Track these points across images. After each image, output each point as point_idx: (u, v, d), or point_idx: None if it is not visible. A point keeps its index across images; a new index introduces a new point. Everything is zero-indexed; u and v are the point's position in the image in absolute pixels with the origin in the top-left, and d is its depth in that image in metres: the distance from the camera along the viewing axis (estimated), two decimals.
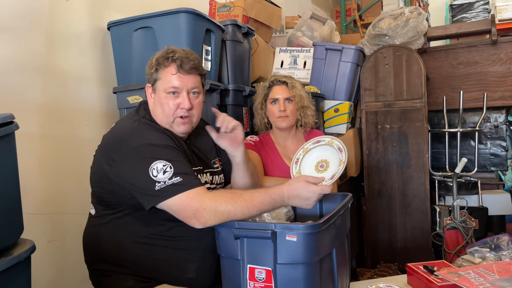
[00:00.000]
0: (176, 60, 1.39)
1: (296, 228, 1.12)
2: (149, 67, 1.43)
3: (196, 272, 1.42)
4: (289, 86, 2.03)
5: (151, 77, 1.43)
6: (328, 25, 3.49)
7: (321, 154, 1.47)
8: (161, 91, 1.41)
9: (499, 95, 3.52)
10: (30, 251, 1.06)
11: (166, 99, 1.40)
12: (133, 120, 1.41)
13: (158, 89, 1.41)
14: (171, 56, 1.39)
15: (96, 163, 1.40)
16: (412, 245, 3.11)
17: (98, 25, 2.12)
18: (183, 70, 1.39)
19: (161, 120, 1.43)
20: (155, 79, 1.41)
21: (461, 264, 1.56)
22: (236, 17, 2.70)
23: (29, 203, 1.64)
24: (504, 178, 4.01)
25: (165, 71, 1.40)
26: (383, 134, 3.20)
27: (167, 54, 1.40)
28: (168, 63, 1.39)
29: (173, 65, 1.39)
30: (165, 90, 1.40)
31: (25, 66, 1.73)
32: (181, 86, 1.40)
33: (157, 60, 1.40)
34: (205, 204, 1.22)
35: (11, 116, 1.05)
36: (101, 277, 1.43)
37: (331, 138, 1.49)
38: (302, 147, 1.52)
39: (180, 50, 1.43)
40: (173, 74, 1.39)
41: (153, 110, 1.45)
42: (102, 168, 1.34)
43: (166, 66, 1.40)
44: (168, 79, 1.39)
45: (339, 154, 1.42)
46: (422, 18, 3.19)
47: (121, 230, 1.40)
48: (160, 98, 1.41)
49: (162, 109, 1.41)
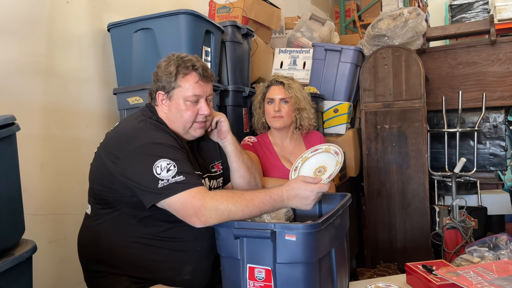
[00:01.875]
0: (197, 69, 1.43)
1: (296, 227, 1.13)
2: (165, 75, 1.42)
3: (191, 273, 1.43)
4: (286, 86, 2.02)
5: (168, 84, 1.43)
6: (328, 26, 3.50)
7: (319, 160, 1.51)
8: (179, 99, 1.43)
9: (498, 95, 3.52)
10: (31, 251, 1.07)
11: (185, 106, 1.43)
12: (139, 120, 1.42)
13: (176, 96, 1.43)
14: (191, 65, 1.42)
15: (98, 160, 1.41)
16: (411, 245, 3.11)
17: (98, 27, 2.13)
18: (204, 78, 1.44)
19: (178, 126, 1.45)
20: (173, 87, 1.42)
21: (460, 264, 1.56)
22: (236, 18, 2.71)
23: (30, 203, 1.65)
24: (503, 178, 4.02)
25: (185, 79, 1.42)
26: (383, 134, 3.21)
27: (185, 63, 1.42)
28: (189, 71, 1.42)
29: (194, 73, 1.43)
30: (186, 98, 1.42)
31: (26, 68, 1.74)
32: (202, 94, 1.44)
33: (176, 68, 1.41)
34: (207, 202, 1.23)
35: (12, 118, 1.06)
36: (96, 278, 1.44)
37: (328, 145, 1.53)
38: (301, 156, 1.56)
39: (192, 57, 1.46)
40: (196, 82, 1.42)
41: (167, 116, 1.46)
42: (105, 165, 1.35)
43: (186, 74, 1.42)
44: (189, 87, 1.42)
45: (336, 157, 1.44)
46: (421, 18, 3.20)
47: (117, 230, 1.40)
48: (178, 105, 1.43)
49: (180, 116, 1.43)
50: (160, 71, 1.45)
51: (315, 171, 1.46)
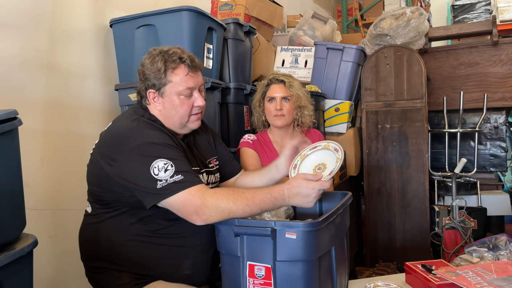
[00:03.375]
0: (185, 61, 1.39)
1: (296, 226, 1.13)
2: (153, 72, 1.38)
3: (191, 268, 1.43)
4: (287, 85, 2.02)
5: (157, 81, 1.39)
6: (330, 25, 3.50)
7: (318, 158, 1.48)
8: (172, 95, 1.39)
9: (499, 96, 3.52)
10: (32, 245, 1.07)
11: (180, 101, 1.40)
12: (132, 119, 1.39)
13: (169, 92, 1.39)
14: (178, 58, 1.38)
15: (94, 162, 1.39)
16: (411, 244, 3.12)
17: (100, 23, 2.13)
18: (193, 69, 1.40)
19: (174, 122, 1.43)
20: (164, 83, 1.39)
21: (459, 264, 1.56)
22: (238, 16, 2.70)
23: (31, 198, 1.66)
24: (503, 179, 4.02)
25: (175, 73, 1.38)
26: (383, 134, 3.21)
27: (171, 57, 1.38)
28: (177, 64, 1.38)
29: (183, 66, 1.39)
30: (180, 92, 1.39)
31: (29, 63, 1.74)
32: (194, 85, 1.42)
33: (164, 64, 1.37)
34: (207, 201, 1.22)
35: (14, 112, 1.06)
36: (96, 274, 1.44)
37: (327, 142, 1.51)
38: (300, 153, 1.54)
39: (175, 49, 1.41)
40: (186, 75, 1.39)
41: (161, 113, 1.43)
42: (101, 167, 1.33)
43: (175, 68, 1.38)
44: (181, 81, 1.39)
45: (336, 154, 1.43)
46: (424, 18, 3.19)
47: (117, 228, 1.40)
48: (172, 101, 1.40)
49: (176, 112, 1.41)
50: (146, 69, 1.40)
51: (315, 168, 1.45)
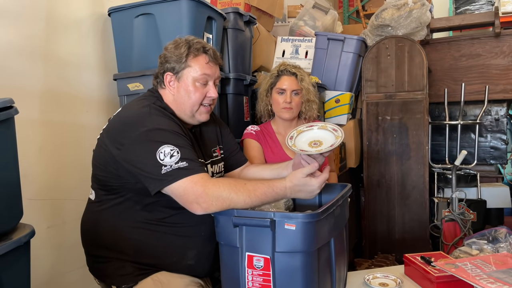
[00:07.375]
0: (208, 51, 1.45)
1: (295, 217, 1.13)
2: (176, 55, 1.43)
3: (195, 258, 1.43)
4: (298, 78, 2.02)
5: (177, 65, 1.43)
6: (331, 15, 3.47)
7: (314, 135, 1.47)
8: (188, 79, 1.43)
9: (501, 88, 3.50)
10: (29, 235, 1.07)
11: (194, 88, 1.44)
12: (142, 105, 1.40)
13: (185, 77, 1.43)
14: (202, 47, 1.44)
15: (101, 147, 1.39)
16: (410, 236, 3.12)
17: (98, 11, 2.10)
18: (214, 60, 1.46)
19: (185, 108, 1.45)
20: (183, 67, 1.43)
21: (458, 256, 1.56)
22: (238, 5, 2.67)
23: (29, 188, 1.65)
24: (503, 171, 4.01)
25: (196, 60, 1.43)
26: (384, 125, 3.20)
27: (195, 45, 1.44)
28: (200, 53, 1.44)
29: (204, 55, 1.45)
30: (196, 78, 1.43)
31: (26, 52, 1.72)
32: (211, 74, 1.46)
33: (188, 49, 1.42)
34: (209, 189, 1.23)
35: (10, 101, 1.05)
36: (99, 263, 1.44)
37: (325, 123, 1.50)
38: (296, 128, 1.51)
39: (201, 40, 1.49)
40: (206, 63, 1.44)
41: (174, 99, 1.46)
42: (109, 151, 1.34)
43: (197, 55, 1.44)
44: (200, 68, 1.43)
45: (335, 133, 1.42)
46: (426, 9, 3.16)
47: (121, 216, 1.40)
48: (187, 86, 1.43)
49: (188, 97, 1.44)
50: (168, 52, 1.45)
51: (310, 143, 1.43)
